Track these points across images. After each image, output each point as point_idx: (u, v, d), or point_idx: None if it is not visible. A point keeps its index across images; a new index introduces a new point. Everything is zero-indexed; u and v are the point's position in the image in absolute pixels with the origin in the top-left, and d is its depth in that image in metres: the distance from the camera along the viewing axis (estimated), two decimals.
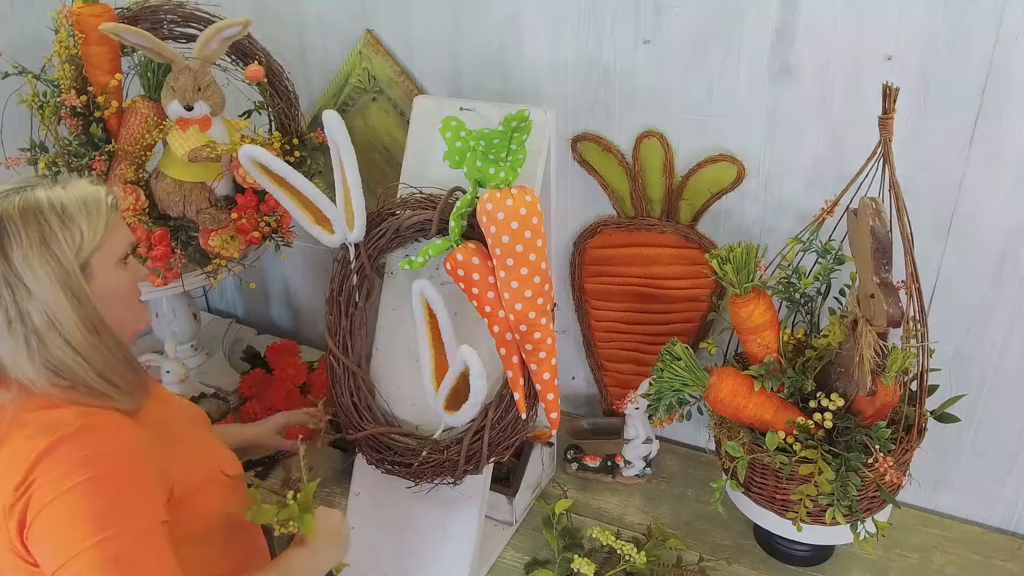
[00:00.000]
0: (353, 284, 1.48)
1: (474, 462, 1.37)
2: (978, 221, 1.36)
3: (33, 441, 0.95)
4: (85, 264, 1.01)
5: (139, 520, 0.96)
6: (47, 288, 0.97)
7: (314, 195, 1.38)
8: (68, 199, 1.01)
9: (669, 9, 1.41)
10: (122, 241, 1.07)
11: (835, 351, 1.29)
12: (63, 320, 0.98)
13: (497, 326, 1.34)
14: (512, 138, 1.27)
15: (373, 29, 1.70)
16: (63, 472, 0.94)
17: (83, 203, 1.01)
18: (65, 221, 0.99)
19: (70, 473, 0.94)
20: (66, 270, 0.98)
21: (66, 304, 0.98)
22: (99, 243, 1.02)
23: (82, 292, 0.99)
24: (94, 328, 1.01)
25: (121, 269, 1.06)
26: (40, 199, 0.99)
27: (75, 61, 1.54)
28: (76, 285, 0.99)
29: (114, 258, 1.05)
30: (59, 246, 0.98)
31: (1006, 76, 1.24)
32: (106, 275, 1.03)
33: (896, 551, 1.49)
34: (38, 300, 0.97)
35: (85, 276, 1.00)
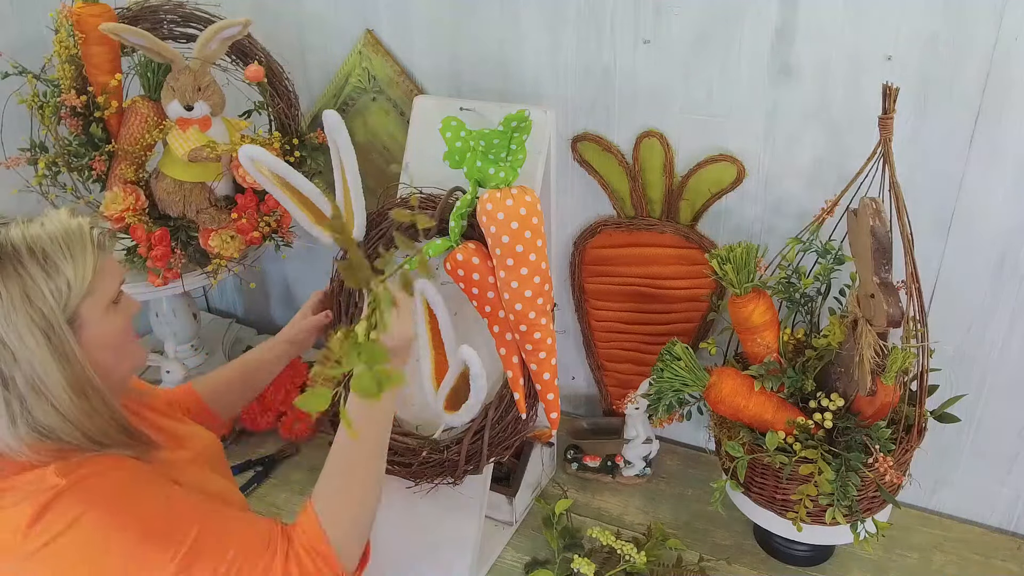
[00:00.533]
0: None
1: (474, 462, 1.37)
2: (978, 221, 1.36)
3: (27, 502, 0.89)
4: (73, 317, 0.93)
5: (182, 528, 0.93)
6: (32, 350, 0.89)
7: (314, 195, 1.38)
8: (49, 242, 0.92)
9: (669, 9, 1.42)
10: (113, 282, 0.99)
11: (835, 351, 1.29)
12: (49, 384, 0.90)
13: (497, 326, 1.34)
14: (512, 138, 1.27)
15: (373, 29, 1.70)
16: (77, 513, 0.88)
17: (66, 246, 0.93)
18: (49, 271, 0.91)
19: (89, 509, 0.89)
20: (52, 327, 0.90)
21: (53, 366, 0.90)
22: (87, 290, 0.94)
23: (70, 350, 0.92)
24: (82, 391, 0.93)
25: (112, 312, 0.99)
26: (18, 245, 0.91)
27: (75, 61, 1.54)
28: (63, 343, 0.91)
29: (105, 302, 0.97)
30: (44, 302, 0.90)
31: (1006, 76, 1.24)
32: (97, 323, 0.96)
33: (896, 551, 1.49)
34: (22, 363, 0.89)
35: (73, 329, 0.93)
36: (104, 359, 0.97)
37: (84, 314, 0.94)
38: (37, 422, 0.91)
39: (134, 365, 1.06)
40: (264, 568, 0.96)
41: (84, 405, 0.93)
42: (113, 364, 1.00)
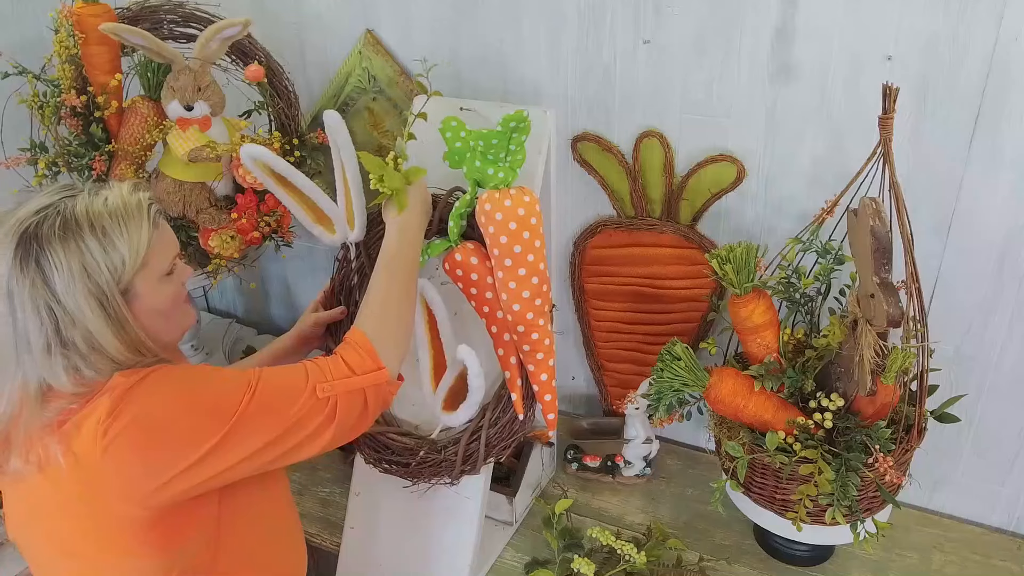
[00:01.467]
0: (353, 283, 1.48)
1: (471, 462, 1.37)
2: (978, 221, 1.36)
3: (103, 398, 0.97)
4: (127, 288, 1.01)
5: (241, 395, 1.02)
6: (90, 317, 0.97)
7: (315, 194, 1.38)
8: (108, 219, 0.99)
9: (669, 9, 1.42)
10: (167, 255, 1.06)
11: (835, 351, 1.29)
12: (106, 345, 0.99)
13: (495, 326, 1.34)
14: (511, 139, 1.27)
15: (373, 29, 1.70)
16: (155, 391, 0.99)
17: (124, 223, 1.00)
18: (106, 247, 0.98)
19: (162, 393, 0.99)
20: (108, 297, 0.98)
21: (108, 331, 0.98)
22: (142, 263, 1.01)
23: (124, 318, 1.00)
24: (136, 350, 1.02)
25: (165, 282, 1.06)
26: (80, 219, 0.98)
27: (75, 61, 1.54)
28: (118, 311, 0.99)
29: (158, 274, 1.04)
30: (101, 275, 0.97)
31: (1006, 76, 1.24)
32: (150, 293, 1.03)
33: (896, 551, 1.49)
34: (81, 327, 0.97)
35: (128, 299, 1.01)
36: (155, 324, 1.05)
37: (137, 285, 1.01)
38: (98, 369, 0.99)
39: (185, 326, 1.14)
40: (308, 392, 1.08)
41: (138, 359, 1.02)
42: (164, 327, 1.08)
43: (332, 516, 1.63)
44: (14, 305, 0.96)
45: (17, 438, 0.99)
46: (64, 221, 0.97)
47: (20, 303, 0.96)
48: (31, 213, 0.98)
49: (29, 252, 0.95)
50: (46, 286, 0.95)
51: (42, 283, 0.95)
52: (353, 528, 1.53)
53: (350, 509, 1.54)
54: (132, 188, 1.04)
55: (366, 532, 1.52)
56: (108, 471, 0.97)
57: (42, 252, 0.95)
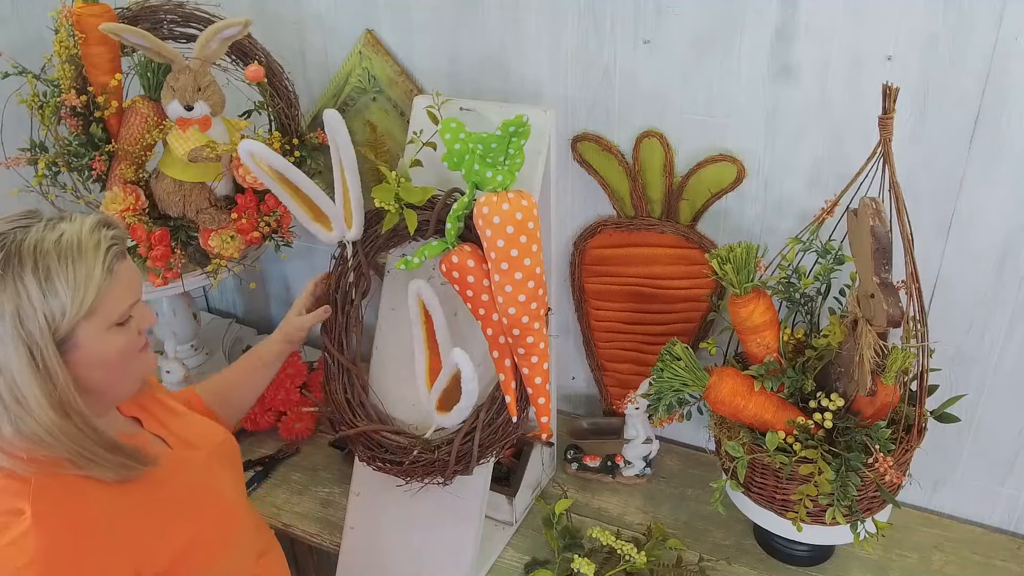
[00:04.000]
0: (350, 282, 1.48)
1: (464, 463, 1.37)
2: (978, 221, 1.36)
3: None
4: (66, 337, 0.92)
5: None
6: (15, 364, 0.89)
7: (313, 192, 1.38)
8: (56, 260, 0.90)
9: (669, 9, 1.42)
10: (121, 303, 0.97)
11: (835, 351, 1.29)
12: (30, 399, 0.90)
13: (491, 329, 1.34)
14: (510, 143, 1.27)
15: (373, 29, 1.70)
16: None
17: (72, 267, 0.91)
18: (46, 292, 0.89)
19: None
20: (39, 347, 0.89)
21: (34, 384, 0.90)
22: (86, 313, 0.92)
23: (54, 372, 0.90)
24: (64, 411, 0.92)
25: (116, 332, 0.97)
26: (24, 256, 0.89)
27: (75, 61, 1.54)
28: (48, 364, 0.90)
29: (107, 323, 0.95)
30: (34, 322, 0.89)
31: (1006, 76, 1.24)
32: (95, 344, 0.94)
33: (896, 551, 1.49)
34: (5, 374, 0.89)
35: (65, 349, 0.92)
36: (98, 377, 0.97)
37: (79, 336, 0.93)
38: (25, 430, 0.91)
39: (136, 377, 1.05)
40: None
41: (65, 425, 0.92)
42: (109, 382, 0.99)
43: (332, 516, 1.63)
44: None
45: None
46: (7, 256, 0.89)
47: None
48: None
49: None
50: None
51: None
52: (353, 528, 1.53)
53: (350, 509, 1.54)
54: (95, 225, 0.95)
55: (366, 532, 1.52)
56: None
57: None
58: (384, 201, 1.35)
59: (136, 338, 1.01)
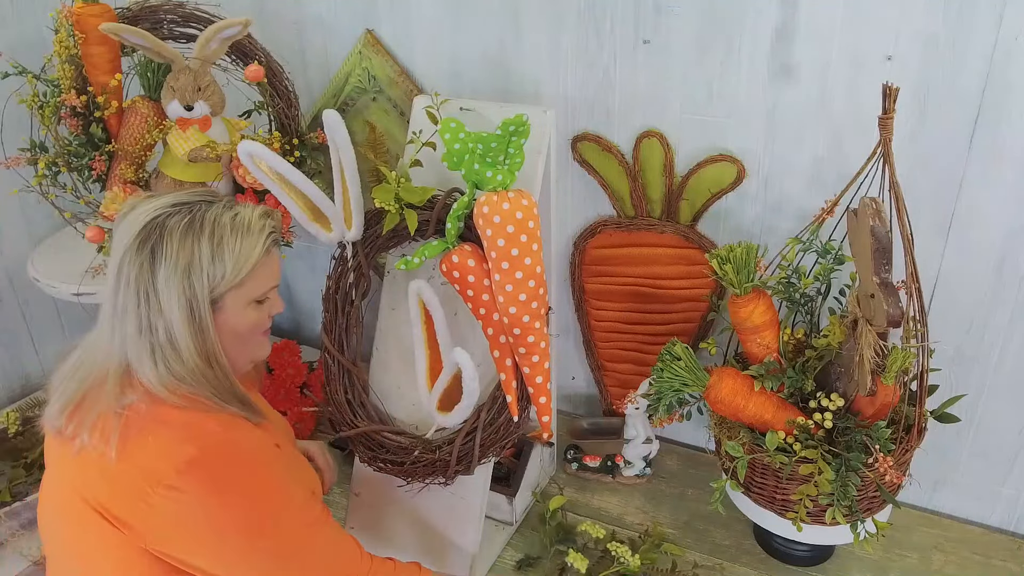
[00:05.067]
0: (350, 282, 1.48)
1: (465, 463, 1.37)
2: (978, 221, 1.36)
3: (182, 447, 1.01)
4: (218, 299, 1.06)
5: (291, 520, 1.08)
6: (175, 312, 1.02)
7: (313, 193, 1.38)
8: (229, 232, 1.05)
9: (669, 9, 1.42)
10: (264, 284, 1.11)
11: (835, 351, 1.29)
12: (182, 345, 1.03)
13: (491, 328, 1.34)
14: (510, 142, 1.27)
15: (373, 29, 1.70)
16: (211, 489, 1.01)
17: (240, 240, 1.06)
18: (215, 256, 1.04)
19: (218, 491, 1.02)
20: (198, 301, 1.03)
21: (187, 332, 1.03)
22: (239, 283, 1.06)
23: (206, 325, 1.05)
24: (207, 360, 1.06)
25: (253, 309, 1.10)
26: (205, 224, 1.04)
27: (75, 61, 1.54)
28: (202, 317, 1.04)
29: (249, 297, 1.09)
30: (199, 279, 1.03)
31: (1006, 76, 1.24)
32: (236, 312, 1.08)
33: (896, 551, 1.49)
34: (165, 318, 1.02)
35: (215, 309, 1.06)
36: (230, 343, 1.09)
37: (227, 301, 1.07)
38: (172, 369, 1.04)
39: (255, 356, 1.17)
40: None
41: (208, 371, 1.06)
42: (237, 349, 1.11)
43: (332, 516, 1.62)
44: (120, 281, 1.03)
45: (91, 410, 1.04)
46: (191, 220, 1.04)
47: (126, 281, 1.02)
48: (167, 205, 1.05)
49: (149, 238, 1.02)
50: (151, 272, 1.02)
51: (148, 268, 1.02)
52: (353, 528, 1.53)
53: (350, 509, 1.54)
54: (263, 213, 1.10)
55: (366, 532, 1.52)
56: (145, 512, 1.00)
57: (160, 241, 1.02)
58: (384, 201, 1.35)
59: (265, 319, 1.15)
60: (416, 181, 1.41)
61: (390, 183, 1.35)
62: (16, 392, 2.03)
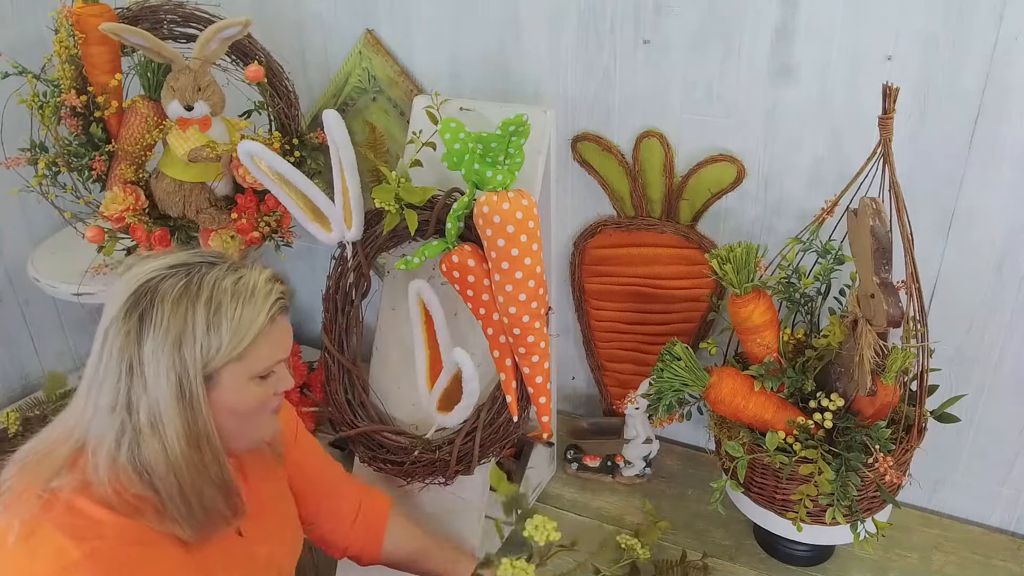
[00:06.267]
0: (350, 282, 1.48)
1: (465, 463, 1.37)
2: (978, 221, 1.36)
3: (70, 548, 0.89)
4: (213, 374, 0.94)
5: None
6: (163, 388, 0.92)
7: (312, 193, 1.38)
8: (228, 299, 0.94)
9: (669, 9, 1.42)
10: (268, 357, 0.99)
11: (835, 351, 1.29)
12: (167, 426, 0.92)
13: (491, 328, 1.34)
14: (510, 142, 1.27)
15: (373, 29, 1.70)
16: None
17: (240, 308, 0.95)
18: (211, 325, 0.93)
19: None
20: (189, 376, 0.92)
21: (175, 411, 0.92)
22: (238, 356, 0.95)
23: (198, 403, 0.93)
24: (196, 443, 0.94)
25: (255, 385, 0.99)
26: (202, 288, 0.94)
27: (75, 61, 1.54)
28: (193, 395, 0.93)
29: (250, 373, 0.97)
30: (192, 351, 0.92)
31: (1006, 76, 1.24)
32: (235, 389, 0.97)
33: (896, 551, 1.49)
34: (150, 395, 0.92)
35: (209, 385, 0.94)
36: (227, 423, 0.98)
37: (224, 376, 0.95)
38: (142, 456, 0.92)
39: (258, 436, 1.06)
40: None
41: (194, 456, 0.94)
42: (236, 430, 1.00)
43: None
44: (103, 351, 0.93)
45: (18, 483, 0.93)
46: (187, 284, 0.94)
47: (109, 351, 0.92)
48: (164, 267, 0.95)
49: (139, 304, 0.92)
50: (137, 342, 0.91)
51: (135, 338, 0.91)
52: None
53: None
54: (271, 277, 1.00)
55: None
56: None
57: (150, 308, 0.92)
58: (384, 201, 1.35)
59: (271, 397, 1.02)
60: (416, 181, 1.41)
61: (390, 183, 1.35)
62: (16, 392, 2.03)
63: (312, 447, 1.33)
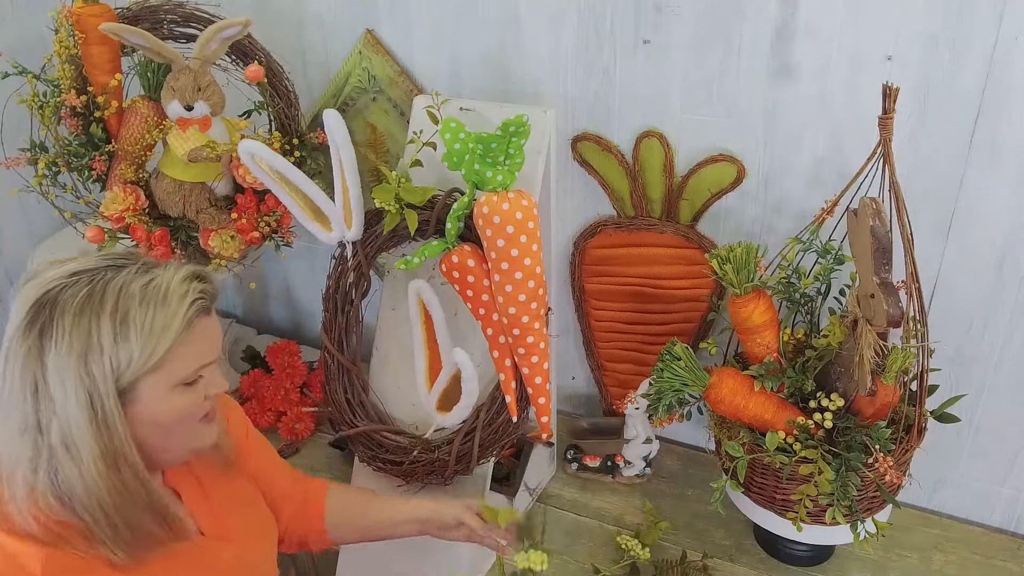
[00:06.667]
0: (350, 282, 1.48)
1: (464, 463, 1.37)
2: (978, 221, 1.36)
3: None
4: (128, 388, 0.87)
5: None
6: (72, 408, 0.84)
7: (313, 192, 1.38)
8: (137, 306, 0.86)
9: (669, 9, 1.41)
10: (191, 363, 0.91)
11: (835, 351, 1.29)
12: (81, 448, 0.85)
13: (491, 329, 1.34)
14: (510, 142, 1.27)
15: (373, 29, 1.70)
16: None
17: (151, 315, 0.86)
18: (118, 336, 0.85)
19: None
20: (100, 393, 0.85)
21: (88, 432, 0.85)
22: (154, 367, 0.87)
23: (112, 421, 0.85)
24: (115, 464, 0.86)
25: (180, 393, 0.91)
26: (107, 297, 0.86)
27: (75, 61, 1.54)
28: (107, 412, 0.85)
29: (172, 382, 0.90)
30: (100, 365, 0.85)
31: (1006, 76, 1.24)
32: (156, 400, 0.89)
33: (896, 551, 1.49)
34: (60, 417, 0.84)
35: (125, 400, 0.87)
36: (150, 436, 0.91)
37: (142, 389, 0.88)
38: (59, 481, 0.86)
39: (193, 446, 0.98)
40: None
41: (113, 478, 0.87)
42: (163, 444, 0.93)
43: None
44: (7, 368, 0.86)
45: None
46: (89, 293, 0.85)
47: (12, 368, 0.85)
48: (65, 275, 0.87)
49: (38, 317, 0.85)
50: (39, 360, 0.84)
51: (37, 355, 0.84)
52: None
53: None
54: (188, 276, 0.91)
55: None
56: None
57: (50, 321, 0.84)
58: (384, 201, 1.35)
59: (200, 403, 0.95)
60: (416, 181, 1.41)
61: (390, 183, 1.35)
62: None
63: (262, 448, 1.26)
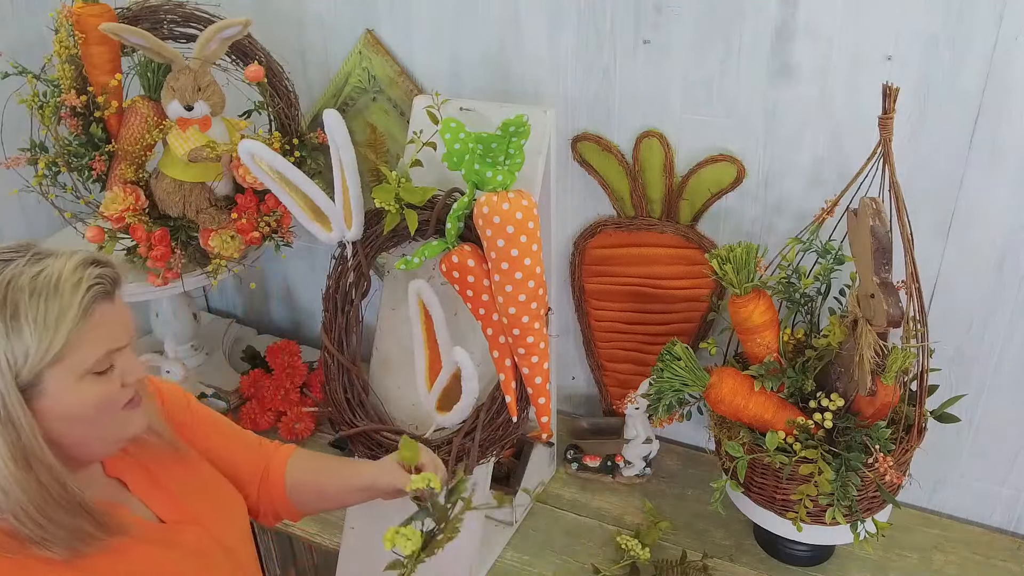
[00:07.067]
0: (350, 282, 1.48)
1: (464, 463, 1.37)
2: (978, 221, 1.36)
3: None
4: (31, 383, 0.83)
5: None
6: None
7: (313, 192, 1.38)
8: (28, 297, 0.82)
9: (669, 9, 1.42)
10: (96, 349, 0.86)
11: (835, 351, 1.29)
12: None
13: (491, 329, 1.34)
14: (510, 143, 1.27)
15: (373, 29, 1.70)
16: None
17: (42, 306, 0.82)
18: (10, 331, 0.81)
19: None
20: (0, 392, 0.81)
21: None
22: (55, 359, 0.83)
23: (17, 419, 0.82)
24: (25, 462, 0.82)
25: (92, 383, 0.87)
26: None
27: (75, 61, 1.54)
28: (10, 410, 0.81)
29: (79, 372, 0.85)
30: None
31: (1006, 76, 1.24)
32: (66, 393, 0.85)
33: (896, 551, 1.49)
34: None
35: (30, 396, 0.83)
36: (67, 431, 0.87)
37: (47, 383, 0.84)
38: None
39: (119, 436, 0.94)
40: None
41: (27, 477, 0.83)
42: (81, 438, 0.89)
43: (332, 516, 1.62)
44: None
45: None
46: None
47: None
48: None
49: None
50: None
51: None
52: (353, 528, 1.53)
53: (350, 509, 1.54)
54: (81, 262, 0.86)
55: (366, 532, 1.52)
56: None
57: None
58: (384, 201, 1.35)
59: (118, 391, 0.90)
60: (416, 181, 1.41)
61: (390, 183, 1.35)
62: None
63: (212, 423, 1.20)
